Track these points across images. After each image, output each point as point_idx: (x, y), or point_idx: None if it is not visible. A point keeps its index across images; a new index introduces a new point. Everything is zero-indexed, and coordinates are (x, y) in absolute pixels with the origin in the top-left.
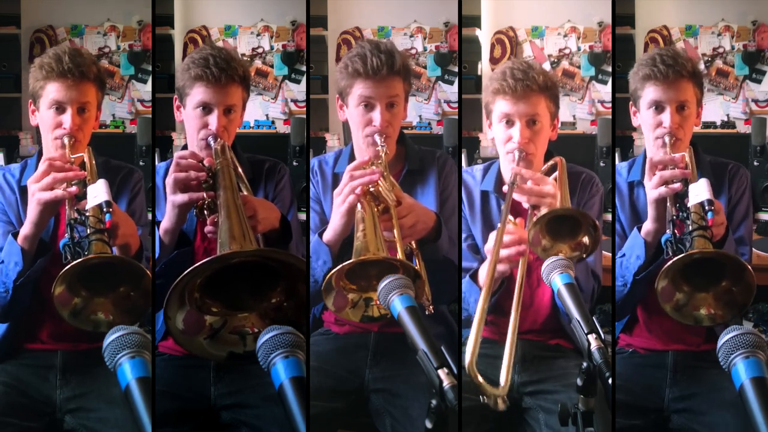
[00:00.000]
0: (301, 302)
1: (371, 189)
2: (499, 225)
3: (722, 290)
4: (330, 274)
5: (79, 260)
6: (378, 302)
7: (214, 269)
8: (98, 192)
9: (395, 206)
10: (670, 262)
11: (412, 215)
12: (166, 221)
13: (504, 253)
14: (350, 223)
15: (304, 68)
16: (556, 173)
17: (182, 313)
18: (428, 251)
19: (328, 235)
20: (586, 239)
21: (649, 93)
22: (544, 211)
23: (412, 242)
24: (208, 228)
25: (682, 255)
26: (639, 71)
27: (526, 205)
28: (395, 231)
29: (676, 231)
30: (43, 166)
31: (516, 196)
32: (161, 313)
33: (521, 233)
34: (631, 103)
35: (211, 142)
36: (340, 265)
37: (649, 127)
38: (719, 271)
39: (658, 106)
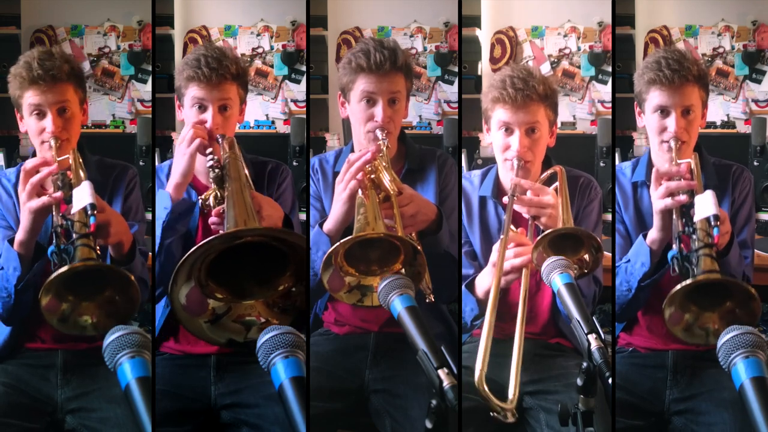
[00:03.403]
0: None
1: (372, 177)
2: (501, 237)
3: (726, 310)
4: (330, 251)
5: (63, 269)
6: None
7: (221, 249)
8: (82, 195)
9: (396, 195)
10: (676, 288)
11: (413, 205)
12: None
13: (508, 263)
14: (351, 212)
15: (304, 68)
16: (556, 183)
17: (187, 288)
18: (429, 244)
19: (329, 224)
20: (587, 257)
21: (654, 97)
22: (544, 220)
23: (413, 234)
24: (212, 219)
25: (688, 282)
26: (644, 75)
27: (526, 216)
28: (396, 218)
29: (682, 246)
30: (21, 175)
31: (516, 207)
32: (161, 313)
33: (524, 241)
34: (636, 103)
35: (219, 139)
36: (340, 242)
37: (654, 130)
38: (726, 290)
39: (663, 111)
